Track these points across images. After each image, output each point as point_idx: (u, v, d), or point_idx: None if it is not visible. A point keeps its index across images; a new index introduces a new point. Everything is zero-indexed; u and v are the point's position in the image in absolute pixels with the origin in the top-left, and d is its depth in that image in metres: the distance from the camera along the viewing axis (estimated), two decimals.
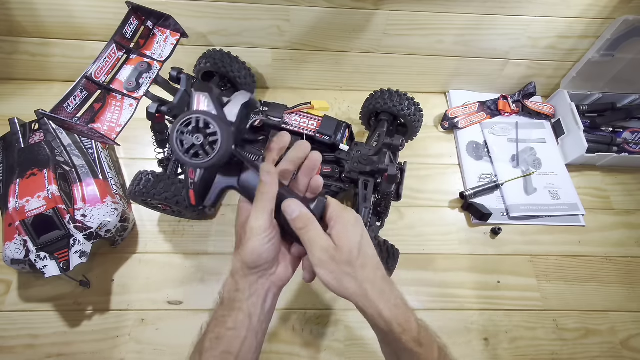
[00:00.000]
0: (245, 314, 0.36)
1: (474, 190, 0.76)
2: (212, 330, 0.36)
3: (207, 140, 0.32)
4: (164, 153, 0.69)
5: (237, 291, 0.36)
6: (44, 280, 0.62)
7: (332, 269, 0.35)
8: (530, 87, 0.88)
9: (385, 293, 0.35)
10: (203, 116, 0.33)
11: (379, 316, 0.34)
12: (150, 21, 0.59)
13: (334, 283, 0.35)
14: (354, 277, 0.35)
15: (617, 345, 0.65)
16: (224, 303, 0.37)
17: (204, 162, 0.32)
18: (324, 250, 0.35)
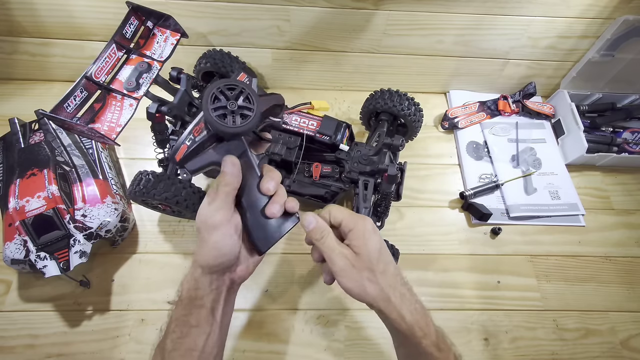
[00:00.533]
0: (207, 310, 0.36)
1: (474, 190, 0.76)
2: (173, 331, 0.36)
3: (238, 111, 0.34)
4: (164, 153, 0.69)
5: (197, 289, 0.36)
6: (44, 280, 0.62)
7: (354, 276, 0.35)
8: (530, 87, 0.88)
9: (406, 297, 0.36)
10: (249, 91, 0.34)
11: (402, 320, 0.35)
12: (150, 21, 0.59)
13: (356, 290, 0.35)
14: (375, 283, 0.35)
15: (617, 345, 0.65)
16: (184, 302, 0.37)
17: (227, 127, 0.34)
18: (345, 258, 0.35)
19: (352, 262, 0.35)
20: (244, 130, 0.34)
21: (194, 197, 0.65)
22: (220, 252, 0.35)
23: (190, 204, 0.64)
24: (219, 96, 0.34)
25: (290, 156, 0.66)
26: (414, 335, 0.35)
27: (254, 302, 0.64)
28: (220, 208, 0.35)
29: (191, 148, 0.37)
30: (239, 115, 0.34)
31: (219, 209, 0.35)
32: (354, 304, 0.65)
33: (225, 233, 0.35)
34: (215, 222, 0.34)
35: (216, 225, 0.34)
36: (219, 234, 0.35)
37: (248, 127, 0.34)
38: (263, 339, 0.61)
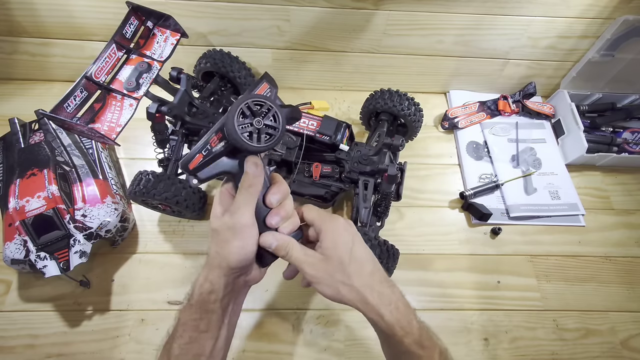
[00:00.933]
0: (218, 315, 0.36)
1: (474, 190, 0.76)
2: (181, 335, 0.35)
3: (264, 129, 0.34)
4: (164, 153, 0.69)
5: (212, 293, 0.35)
6: (44, 280, 0.62)
7: (327, 282, 0.35)
8: (530, 87, 0.88)
9: (384, 296, 0.35)
10: (275, 109, 0.34)
11: (381, 319, 0.34)
12: (150, 21, 0.59)
13: (332, 294, 0.35)
14: (350, 286, 0.35)
15: (617, 345, 0.65)
16: (194, 306, 0.36)
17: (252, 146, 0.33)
18: (313, 266, 0.35)
19: (323, 268, 0.35)
20: (267, 148, 0.34)
21: (194, 197, 0.65)
22: (245, 256, 0.35)
23: (190, 204, 0.64)
24: (246, 112, 0.34)
25: (290, 156, 0.66)
26: (395, 335, 0.34)
27: (254, 302, 0.64)
28: (248, 210, 0.34)
29: (207, 158, 0.36)
30: (264, 133, 0.34)
31: (246, 210, 0.34)
32: None
33: (251, 235, 0.34)
34: (242, 224, 0.34)
35: (243, 227, 0.34)
36: (246, 235, 0.34)
37: (271, 145, 0.34)
38: (263, 339, 0.61)
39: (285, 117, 0.35)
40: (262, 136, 0.34)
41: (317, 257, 0.35)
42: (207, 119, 0.66)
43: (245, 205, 0.34)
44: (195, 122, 0.65)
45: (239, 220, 0.34)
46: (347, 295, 0.35)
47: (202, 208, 0.68)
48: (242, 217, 0.34)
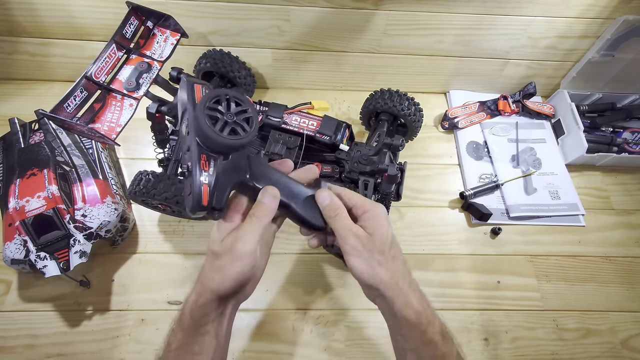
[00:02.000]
0: (212, 336, 0.35)
1: (474, 190, 0.76)
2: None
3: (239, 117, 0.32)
4: (164, 153, 0.69)
5: (204, 316, 0.34)
6: (44, 280, 0.62)
7: (365, 257, 0.34)
8: (530, 87, 0.88)
9: (412, 285, 0.36)
10: (232, 94, 0.32)
11: (409, 306, 0.34)
12: (150, 21, 0.59)
13: (367, 271, 0.34)
14: (386, 267, 0.34)
15: (617, 345, 0.65)
16: (187, 330, 0.34)
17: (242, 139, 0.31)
18: (358, 238, 0.34)
19: (365, 242, 0.34)
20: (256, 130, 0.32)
21: None
22: (239, 284, 0.34)
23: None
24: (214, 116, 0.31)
25: (290, 156, 0.66)
26: (420, 323, 0.34)
27: (254, 302, 0.64)
28: (253, 239, 0.33)
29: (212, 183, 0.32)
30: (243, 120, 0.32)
31: (251, 239, 0.33)
32: (354, 304, 0.65)
33: (250, 263, 0.33)
34: (245, 252, 0.32)
35: (245, 255, 0.33)
36: (244, 264, 0.33)
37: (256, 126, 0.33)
38: (263, 339, 0.61)
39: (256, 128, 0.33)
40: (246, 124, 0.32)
41: (362, 231, 0.35)
42: None
43: (252, 234, 0.33)
44: None
45: (242, 247, 0.32)
46: (382, 276, 0.34)
47: None
48: (246, 244, 0.32)
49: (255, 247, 0.33)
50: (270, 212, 0.34)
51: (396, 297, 0.34)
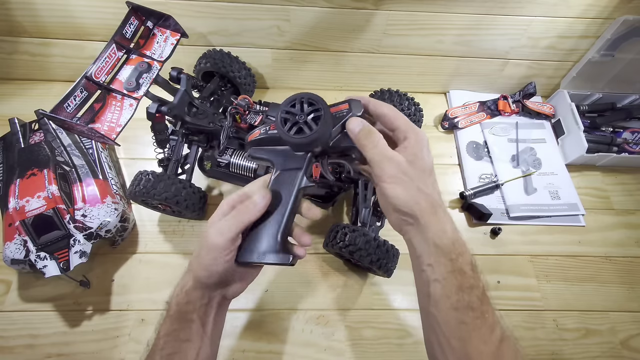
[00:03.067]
0: (198, 324, 0.35)
1: (474, 190, 0.76)
2: (162, 347, 0.34)
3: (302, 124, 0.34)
4: (164, 153, 0.69)
5: (188, 303, 0.35)
6: (44, 280, 0.62)
7: (405, 183, 0.33)
8: (530, 87, 0.88)
9: (447, 214, 0.35)
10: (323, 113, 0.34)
11: (444, 234, 0.34)
12: (150, 21, 0.59)
13: (407, 198, 0.33)
14: (426, 194, 0.34)
15: (617, 345, 0.65)
16: (173, 317, 0.35)
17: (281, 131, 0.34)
18: (396, 164, 0.33)
19: (405, 169, 0.33)
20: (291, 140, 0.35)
21: (194, 197, 0.65)
22: (214, 275, 0.34)
23: (190, 204, 0.64)
24: (296, 104, 0.35)
25: None
26: (452, 251, 0.33)
27: (254, 302, 0.64)
28: (228, 233, 0.33)
29: (261, 136, 0.39)
30: (298, 127, 0.35)
31: (226, 232, 0.33)
32: (354, 304, 0.65)
33: (221, 256, 0.33)
34: (215, 244, 0.33)
35: (215, 246, 0.33)
36: (216, 256, 0.33)
37: (296, 141, 0.34)
38: (263, 339, 0.61)
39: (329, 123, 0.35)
40: (294, 129, 0.35)
41: (402, 157, 0.34)
42: (207, 119, 0.66)
43: (227, 228, 0.33)
44: (195, 122, 0.65)
45: (213, 239, 0.33)
46: (421, 202, 0.33)
47: (202, 208, 0.68)
48: (217, 237, 0.33)
49: (227, 242, 0.33)
50: (254, 210, 0.34)
51: (432, 224, 0.34)
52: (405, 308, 0.65)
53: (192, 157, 0.69)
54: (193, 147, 0.69)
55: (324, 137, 0.35)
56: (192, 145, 0.69)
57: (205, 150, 0.71)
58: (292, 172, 0.37)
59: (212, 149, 0.70)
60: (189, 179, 0.67)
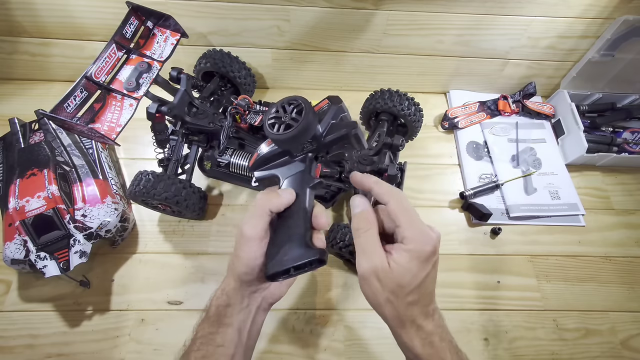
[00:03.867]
0: (234, 330, 0.35)
1: (474, 190, 0.76)
2: (197, 349, 0.35)
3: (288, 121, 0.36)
4: (164, 153, 0.69)
5: (228, 306, 0.35)
6: (44, 280, 0.62)
7: (373, 289, 0.31)
8: (530, 87, 0.88)
9: (421, 330, 0.31)
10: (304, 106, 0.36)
11: (410, 349, 0.32)
12: (150, 21, 0.59)
13: (372, 300, 0.31)
14: (396, 308, 0.31)
15: (617, 345, 0.65)
16: (211, 319, 0.35)
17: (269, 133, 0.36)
18: (373, 268, 0.30)
19: (382, 276, 0.30)
20: (281, 137, 0.35)
21: (194, 197, 0.65)
22: (250, 268, 0.34)
23: (190, 204, 0.64)
24: (279, 109, 0.37)
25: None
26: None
27: None
28: (257, 223, 0.34)
29: (260, 157, 0.40)
30: (285, 125, 0.36)
31: (256, 223, 0.34)
32: (354, 304, 0.65)
33: (258, 248, 0.34)
34: (249, 235, 0.34)
35: (250, 238, 0.34)
36: (251, 249, 0.34)
37: (286, 136, 0.35)
38: (263, 339, 0.61)
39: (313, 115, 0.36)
40: (282, 127, 0.36)
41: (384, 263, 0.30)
42: (207, 119, 0.66)
43: (256, 219, 0.34)
44: (195, 122, 0.65)
45: (247, 231, 0.34)
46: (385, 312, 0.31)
47: (202, 208, 0.68)
48: (250, 228, 0.34)
49: (260, 233, 0.34)
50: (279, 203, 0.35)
51: (398, 335, 0.32)
52: None
53: (192, 157, 0.69)
54: (193, 147, 0.69)
55: (312, 127, 0.36)
56: (192, 145, 0.69)
57: (205, 150, 0.71)
58: (297, 175, 0.39)
59: (212, 149, 0.70)
60: (189, 179, 0.67)
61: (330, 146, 0.39)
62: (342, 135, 0.37)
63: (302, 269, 0.33)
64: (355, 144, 0.38)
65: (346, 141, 0.38)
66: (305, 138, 0.37)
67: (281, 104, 0.37)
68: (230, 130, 0.66)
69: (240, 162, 0.69)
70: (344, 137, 0.37)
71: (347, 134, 0.37)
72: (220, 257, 0.68)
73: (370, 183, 0.34)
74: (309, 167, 0.39)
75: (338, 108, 0.39)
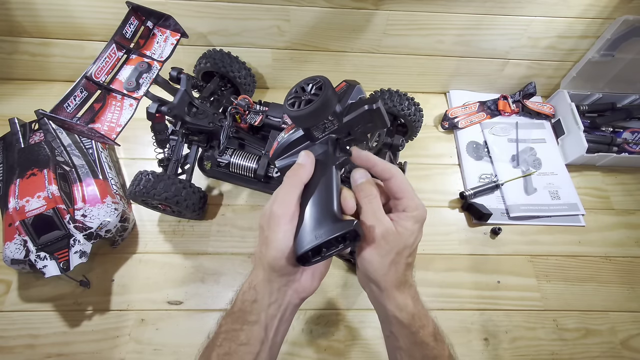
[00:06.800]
0: (261, 327, 0.33)
1: (474, 190, 0.76)
2: (220, 345, 0.33)
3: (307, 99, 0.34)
4: (164, 153, 0.69)
5: (255, 302, 0.33)
6: (44, 280, 0.62)
7: (382, 252, 0.32)
8: (530, 87, 0.88)
9: (412, 288, 0.35)
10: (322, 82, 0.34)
11: (403, 310, 0.33)
12: (150, 21, 0.59)
13: (377, 265, 0.32)
14: (396, 269, 0.33)
15: (617, 345, 0.65)
16: (236, 314, 0.33)
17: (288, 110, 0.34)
18: (384, 229, 0.32)
19: (389, 238, 0.32)
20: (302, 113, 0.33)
21: (194, 197, 0.65)
22: (282, 252, 0.31)
23: (190, 204, 0.64)
24: (297, 90, 0.35)
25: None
26: (413, 325, 0.33)
27: None
28: (286, 200, 0.32)
29: (281, 144, 0.37)
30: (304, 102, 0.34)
31: (284, 200, 0.32)
32: (354, 304, 0.65)
33: (289, 228, 0.31)
34: (277, 214, 0.31)
35: (279, 217, 0.31)
36: (285, 229, 0.31)
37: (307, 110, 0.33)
38: None
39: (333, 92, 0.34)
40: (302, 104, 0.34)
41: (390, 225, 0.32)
42: (207, 119, 0.66)
43: (284, 194, 0.32)
44: (195, 122, 0.65)
45: (277, 210, 0.31)
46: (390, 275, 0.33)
47: (202, 208, 0.68)
48: (281, 206, 0.32)
49: (292, 209, 0.32)
50: (305, 168, 0.34)
51: (393, 298, 0.33)
52: None
53: (192, 157, 0.69)
54: (193, 147, 0.69)
55: (333, 101, 0.34)
56: (192, 145, 0.69)
57: (205, 150, 0.71)
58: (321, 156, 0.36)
59: (212, 149, 0.70)
60: (189, 179, 0.67)
61: (352, 126, 0.36)
62: (363, 112, 0.34)
63: (336, 247, 0.32)
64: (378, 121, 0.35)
65: (368, 119, 0.35)
66: (327, 113, 0.34)
67: (300, 85, 0.35)
68: (230, 130, 0.66)
69: (240, 162, 0.69)
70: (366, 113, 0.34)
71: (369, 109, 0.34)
72: (220, 257, 0.68)
73: (375, 159, 0.36)
74: (333, 148, 0.37)
75: (357, 89, 0.37)
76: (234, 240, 0.70)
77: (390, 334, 0.35)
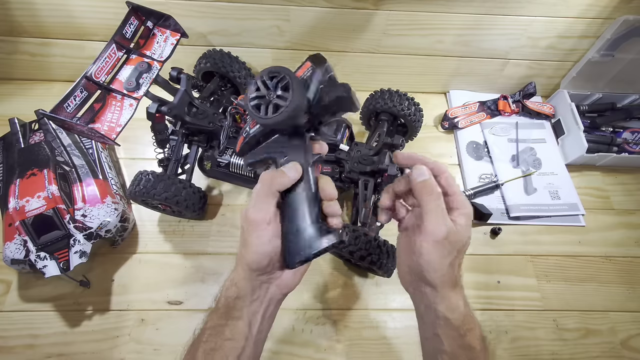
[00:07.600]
0: (244, 323, 0.34)
1: (474, 190, 0.76)
2: (206, 340, 0.34)
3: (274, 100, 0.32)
4: (164, 153, 0.69)
5: (238, 298, 0.34)
6: (44, 280, 0.62)
7: (443, 253, 0.33)
8: (530, 87, 0.88)
9: (462, 289, 0.35)
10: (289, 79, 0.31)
11: (457, 308, 0.34)
12: (150, 21, 0.59)
13: (437, 265, 0.33)
14: (453, 267, 0.34)
15: (617, 345, 0.65)
16: (220, 310, 0.34)
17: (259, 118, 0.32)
18: (448, 230, 0.33)
19: (451, 237, 0.33)
20: (270, 122, 0.32)
21: (194, 197, 0.65)
22: (260, 254, 0.32)
23: (190, 204, 0.64)
24: (259, 86, 0.32)
25: None
26: (462, 327, 0.33)
27: None
28: (264, 205, 0.32)
29: (246, 140, 0.36)
30: (273, 105, 0.32)
31: (262, 205, 0.32)
32: (354, 304, 0.65)
33: (265, 233, 0.32)
34: (255, 219, 0.32)
35: (257, 222, 0.32)
36: (258, 234, 0.32)
37: (275, 119, 0.31)
38: None
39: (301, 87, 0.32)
40: (270, 108, 0.32)
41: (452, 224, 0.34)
42: (207, 119, 0.66)
43: (262, 200, 0.32)
44: (195, 122, 0.65)
45: (252, 215, 0.32)
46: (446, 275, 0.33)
47: (202, 208, 0.68)
48: (256, 212, 0.32)
49: (269, 215, 0.32)
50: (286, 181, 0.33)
51: (447, 298, 0.33)
52: (405, 308, 0.65)
53: (192, 157, 0.69)
54: (193, 147, 0.69)
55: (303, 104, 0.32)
56: (192, 145, 0.70)
57: (205, 150, 0.71)
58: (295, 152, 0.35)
59: (212, 149, 0.70)
60: (189, 179, 0.67)
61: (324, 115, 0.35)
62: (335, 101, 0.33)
63: (322, 253, 0.32)
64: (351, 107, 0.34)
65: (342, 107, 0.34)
66: (298, 118, 0.33)
67: (261, 79, 0.32)
68: (230, 130, 0.66)
69: (240, 162, 0.69)
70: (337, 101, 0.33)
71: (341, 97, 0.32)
72: (220, 257, 0.68)
73: (420, 157, 0.37)
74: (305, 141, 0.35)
75: (324, 69, 0.33)
76: (234, 240, 0.70)
77: (433, 336, 0.35)
